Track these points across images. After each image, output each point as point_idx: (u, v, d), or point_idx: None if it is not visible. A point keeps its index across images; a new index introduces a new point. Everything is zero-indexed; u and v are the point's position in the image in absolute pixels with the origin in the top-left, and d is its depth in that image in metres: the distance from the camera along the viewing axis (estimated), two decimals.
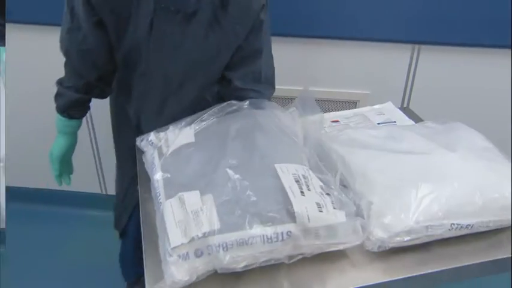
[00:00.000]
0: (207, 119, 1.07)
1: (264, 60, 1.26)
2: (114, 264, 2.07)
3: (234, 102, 1.10)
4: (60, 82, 1.31)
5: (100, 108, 2.12)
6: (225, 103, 1.10)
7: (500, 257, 0.91)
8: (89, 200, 2.41)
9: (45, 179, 2.36)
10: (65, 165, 1.44)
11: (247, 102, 1.10)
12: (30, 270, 2.06)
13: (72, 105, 1.31)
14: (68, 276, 2.04)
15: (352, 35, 1.83)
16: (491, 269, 0.93)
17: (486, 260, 0.91)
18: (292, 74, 1.89)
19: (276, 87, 1.58)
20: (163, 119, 1.17)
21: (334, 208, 0.87)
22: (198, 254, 0.79)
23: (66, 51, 1.25)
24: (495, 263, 0.91)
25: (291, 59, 1.90)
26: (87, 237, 2.27)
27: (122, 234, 1.62)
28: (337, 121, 1.37)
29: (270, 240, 0.81)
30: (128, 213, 1.49)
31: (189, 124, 1.07)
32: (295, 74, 1.90)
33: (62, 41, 1.25)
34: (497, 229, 0.96)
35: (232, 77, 1.25)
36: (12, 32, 1.96)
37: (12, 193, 2.39)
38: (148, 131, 1.12)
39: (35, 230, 2.31)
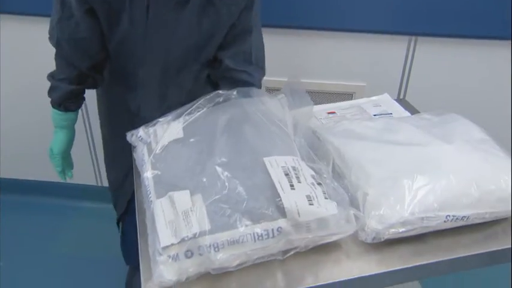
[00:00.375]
0: (195, 112, 1.05)
1: (254, 41, 1.25)
2: (110, 255, 2.07)
3: (221, 92, 1.07)
4: (52, 75, 1.29)
5: (95, 100, 2.12)
6: (213, 93, 1.08)
7: (496, 248, 0.91)
8: (84, 191, 2.40)
9: (40, 171, 2.36)
10: (66, 160, 1.43)
11: (235, 91, 1.08)
12: (24, 261, 2.06)
13: (67, 97, 1.30)
14: (63, 267, 2.04)
15: (348, 27, 1.82)
16: (487, 260, 0.93)
17: (482, 251, 0.90)
18: (287, 66, 1.88)
19: (271, 78, 1.56)
20: (165, 108, 1.15)
21: (325, 198, 0.86)
22: (189, 255, 0.79)
23: (57, 42, 1.23)
24: (491, 255, 0.91)
25: (286, 51, 1.89)
26: (82, 229, 2.27)
27: (122, 220, 1.61)
28: (333, 112, 1.36)
29: (261, 238, 0.81)
30: (127, 198, 1.47)
31: (178, 117, 1.05)
32: (290, 66, 1.90)
33: (52, 31, 1.23)
34: (493, 221, 0.95)
35: (223, 57, 1.24)
36: (6, 23, 1.95)
37: (6, 185, 2.39)
38: (151, 120, 1.10)
39: (30, 221, 2.31)
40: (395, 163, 0.98)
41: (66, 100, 1.31)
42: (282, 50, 1.87)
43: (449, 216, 0.90)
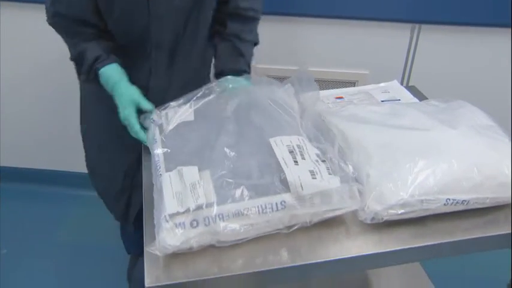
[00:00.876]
0: (205, 97, 1.08)
1: None
2: (111, 243, 2.08)
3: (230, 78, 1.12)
4: (76, 50, 1.21)
5: None
6: (223, 79, 1.11)
7: (496, 233, 0.91)
8: (85, 180, 2.39)
9: (41, 159, 2.36)
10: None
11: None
12: (26, 249, 2.06)
13: (106, 47, 1.22)
14: (64, 255, 2.05)
15: (351, 14, 1.81)
16: (487, 245, 0.93)
17: (482, 236, 0.90)
18: (290, 53, 1.87)
19: (272, 67, 1.55)
20: (175, 73, 1.16)
21: (329, 174, 0.88)
22: (194, 224, 0.81)
23: (55, 24, 1.22)
24: (491, 239, 0.91)
25: (287, 39, 1.88)
26: (84, 217, 2.27)
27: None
28: (341, 97, 1.36)
29: (265, 211, 0.83)
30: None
31: (188, 101, 1.08)
32: (293, 53, 1.89)
33: (48, 12, 1.21)
34: (494, 207, 0.95)
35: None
36: (6, 10, 1.94)
37: (6, 173, 2.39)
38: (159, 93, 1.14)
39: (31, 210, 2.31)
40: (397, 146, 0.98)
41: (108, 51, 1.21)
42: (282, 38, 1.86)
43: (449, 199, 0.89)
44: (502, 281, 1.24)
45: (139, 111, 1.13)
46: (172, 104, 1.09)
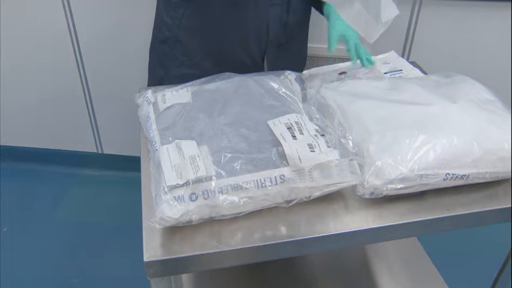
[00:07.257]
0: (204, 83, 1.09)
1: None
2: (109, 221, 2.09)
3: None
4: None
5: (94, 65, 2.11)
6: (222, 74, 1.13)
7: (495, 207, 0.91)
8: (85, 159, 2.40)
9: (41, 138, 2.36)
10: None
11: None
12: (24, 228, 2.07)
13: None
14: (64, 233, 2.06)
15: None
16: (486, 219, 0.93)
17: (481, 210, 0.90)
18: None
19: None
20: None
21: (328, 147, 0.88)
22: (193, 198, 0.81)
23: None
24: (490, 214, 0.91)
25: None
26: (81, 196, 2.28)
27: None
28: (344, 72, 1.35)
29: (264, 185, 0.83)
30: None
31: (186, 87, 1.09)
32: None
33: None
34: (493, 181, 0.95)
35: None
36: None
37: (6, 152, 2.40)
38: None
39: (29, 188, 2.32)
40: (397, 121, 0.97)
41: None
42: None
43: (448, 174, 0.89)
44: (498, 259, 1.25)
45: None
46: (169, 88, 1.09)
